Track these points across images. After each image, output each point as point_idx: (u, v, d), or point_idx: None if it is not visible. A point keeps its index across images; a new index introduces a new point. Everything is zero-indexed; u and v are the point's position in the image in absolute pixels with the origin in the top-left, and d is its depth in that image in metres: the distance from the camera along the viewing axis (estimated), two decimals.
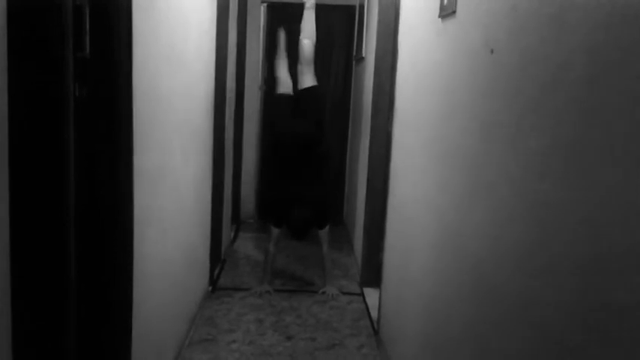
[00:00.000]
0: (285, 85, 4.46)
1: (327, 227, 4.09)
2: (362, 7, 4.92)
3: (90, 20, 1.55)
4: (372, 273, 3.87)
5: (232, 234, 5.20)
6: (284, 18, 5.57)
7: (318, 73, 4.89)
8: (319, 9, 5.35)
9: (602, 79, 1.01)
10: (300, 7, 4.72)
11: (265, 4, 5.67)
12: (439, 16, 2.14)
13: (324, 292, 4.03)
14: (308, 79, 4.30)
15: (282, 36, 4.73)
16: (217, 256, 4.19)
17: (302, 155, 4.10)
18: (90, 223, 1.67)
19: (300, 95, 4.29)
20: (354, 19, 5.43)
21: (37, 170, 1.37)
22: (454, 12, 1.94)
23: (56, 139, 1.37)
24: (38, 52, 1.33)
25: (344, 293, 4.04)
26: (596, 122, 1.01)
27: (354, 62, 5.63)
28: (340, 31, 5.71)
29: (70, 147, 1.41)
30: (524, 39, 1.35)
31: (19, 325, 1.35)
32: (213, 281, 4.00)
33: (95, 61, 1.59)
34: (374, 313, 3.49)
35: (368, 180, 4.11)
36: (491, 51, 1.54)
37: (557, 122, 1.16)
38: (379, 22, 3.84)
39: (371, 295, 3.83)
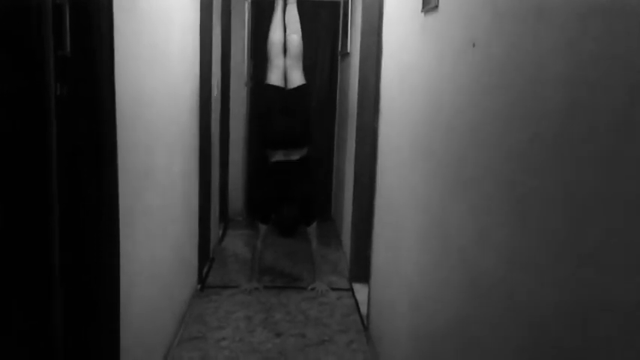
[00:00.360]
0: (277, 64, 4.28)
1: (315, 223, 4.10)
2: (347, 2, 4.92)
3: (70, 18, 1.54)
4: (361, 268, 3.88)
5: (220, 232, 5.19)
6: (269, 14, 5.56)
7: (304, 69, 4.88)
8: (304, 4, 5.34)
9: (582, 72, 1.01)
10: (283, 4, 4.62)
11: (249, 1, 5.65)
12: (422, 11, 2.14)
13: (313, 289, 4.04)
14: (297, 76, 4.25)
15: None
16: (206, 254, 4.18)
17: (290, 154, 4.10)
18: (74, 223, 1.66)
19: (290, 94, 4.24)
20: (339, 15, 5.43)
21: (19, 170, 1.35)
22: (436, 6, 1.95)
23: (38, 138, 1.36)
24: (18, 51, 1.32)
25: (333, 289, 4.05)
26: (579, 115, 1.02)
27: (339, 58, 5.63)
28: (325, 27, 5.71)
29: (53, 146, 1.39)
30: (506, 32, 1.35)
31: (4, 328, 1.34)
32: (201, 279, 3.99)
33: (76, 59, 1.58)
34: (363, 309, 3.50)
35: (355, 175, 4.11)
36: (473, 45, 1.55)
37: (540, 116, 1.16)
38: (363, 17, 3.84)
39: (360, 291, 3.84)
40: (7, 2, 1.28)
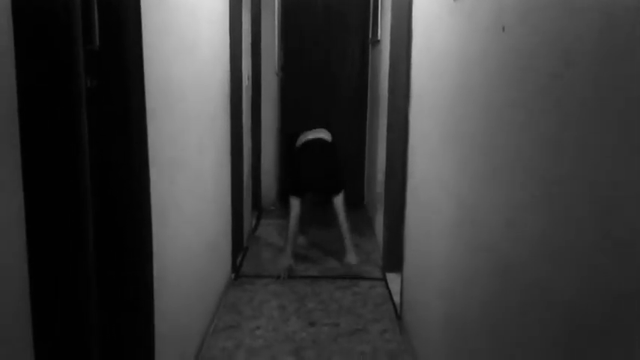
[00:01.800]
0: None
1: (342, 195, 4.29)
2: None
3: (98, 12, 1.55)
4: (394, 257, 3.86)
5: (254, 222, 5.22)
6: (299, 4, 5.54)
7: (334, 58, 4.90)
8: None
9: (613, 59, 0.98)
10: None
11: None
12: None
13: (347, 263, 4.24)
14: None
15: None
16: (239, 243, 4.21)
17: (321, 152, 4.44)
18: (107, 215, 1.68)
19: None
20: (369, 2, 5.38)
21: (52, 164, 1.38)
22: None
23: (69, 132, 1.38)
24: (48, 46, 1.34)
25: (366, 278, 4.05)
26: (609, 101, 0.99)
27: (370, 45, 5.59)
28: (355, 15, 5.66)
29: (84, 139, 1.42)
30: (536, 16, 1.32)
31: (40, 320, 1.37)
32: (235, 268, 4.03)
33: (105, 53, 1.60)
34: (396, 298, 3.48)
35: (387, 163, 4.08)
36: (503, 28, 1.51)
37: (569, 101, 1.13)
38: (393, 4, 3.80)
39: (393, 280, 3.83)
40: None
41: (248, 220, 4.80)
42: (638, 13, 0.90)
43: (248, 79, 4.67)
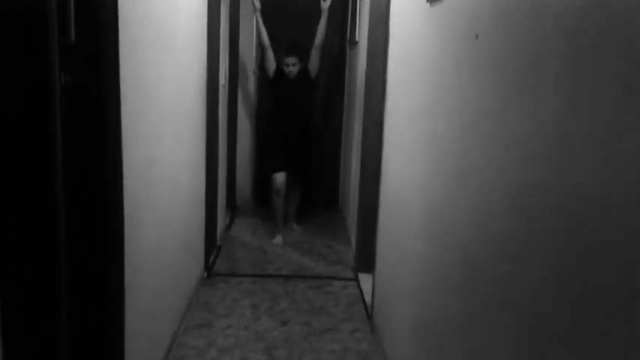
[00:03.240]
0: (268, 53, 4.79)
1: (302, 180, 5.03)
2: None
3: (75, 6, 1.54)
4: (367, 258, 3.88)
5: (228, 220, 5.21)
6: (277, 3, 5.54)
7: (320, 66, 4.97)
8: None
9: (581, 66, 1.01)
10: None
11: None
12: (427, 1, 2.13)
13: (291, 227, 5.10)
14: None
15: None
16: (212, 242, 4.20)
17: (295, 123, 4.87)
18: (79, 211, 1.67)
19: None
20: (348, 3, 5.40)
21: (25, 159, 1.37)
22: None
23: (43, 128, 1.37)
24: (23, 40, 1.33)
25: (338, 278, 4.07)
26: (578, 108, 1.02)
27: (348, 46, 5.61)
28: (335, 15, 5.67)
29: (58, 135, 1.41)
30: (508, 25, 1.35)
31: (10, 317, 1.36)
32: (208, 267, 4.02)
33: (81, 48, 1.59)
34: (368, 299, 3.51)
35: (361, 164, 4.11)
36: (476, 36, 1.54)
37: (540, 108, 1.16)
38: (371, 7, 3.83)
39: (365, 281, 3.85)
40: None
41: (222, 219, 4.79)
42: (607, 18, 0.93)
43: (225, 77, 4.65)
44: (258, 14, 4.75)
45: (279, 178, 4.78)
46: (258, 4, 4.72)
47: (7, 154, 1.32)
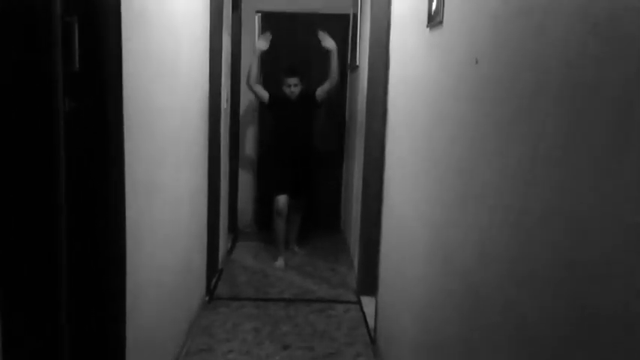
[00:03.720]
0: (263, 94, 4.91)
1: (303, 202, 5.08)
2: (356, 16, 4.95)
3: (79, 35, 1.57)
4: (369, 281, 3.87)
5: (230, 244, 5.20)
6: (278, 26, 5.60)
7: (313, 81, 4.99)
8: (314, 17, 5.41)
9: (581, 91, 1.02)
10: (294, 17, 5.40)
11: (260, 14, 5.70)
12: (427, 26, 2.16)
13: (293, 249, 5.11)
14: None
15: (264, 39, 4.85)
16: (214, 265, 4.19)
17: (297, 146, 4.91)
18: (81, 236, 1.68)
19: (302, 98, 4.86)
20: (349, 28, 5.46)
21: (29, 183, 1.38)
22: (441, 22, 1.96)
23: (47, 154, 1.39)
24: (28, 68, 1.35)
25: (340, 302, 4.05)
26: (578, 132, 1.03)
27: (348, 70, 5.66)
28: (335, 39, 5.72)
29: (61, 162, 1.42)
30: (507, 50, 1.37)
31: (13, 341, 1.36)
32: (210, 291, 4.01)
33: (85, 75, 1.61)
34: (371, 322, 3.49)
35: (363, 188, 4.12)
36: (476, 61, 1.56)
37: (540, 132, 1.17)
38: (371, 31, 3.87)
39: (368, 304, 3.84)
40: (17, 19, 1.31)
41: (224, 242, 4.78)
42: (607, 44, 0.95)
43: (227, 101, 4.69)
44: (258, 56, 4.79)
45: (282, 199, 4.81)
46: (263, 47, 4.76)
47: (13, 178, 1.33)
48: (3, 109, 1.30)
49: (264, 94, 4.89)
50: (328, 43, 4.73)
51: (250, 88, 4.89)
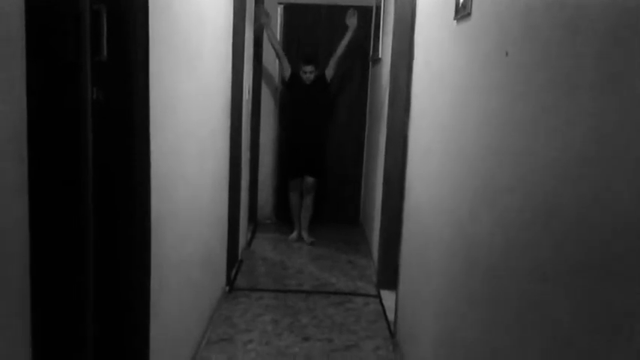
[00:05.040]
0: (282, 60, 5.23)
1: (314, 181, 5.26)
2: (378, 8, 4.91)
3: (107, 24, 1.57)
4: (389, 275, 3.86)
5: (249, 235, 5.22)
6: (300, 18, 5.59)
7: (337, 74, 5.10)
8: (335, 9, 5.40)
9: (613, 84, 1.00)
10: (317, 8, 5.57)
11: (282, 5, 5.69)
12: (454, 19, 2.13)
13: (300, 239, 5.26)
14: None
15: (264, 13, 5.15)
16: (234, 256, 4.21)
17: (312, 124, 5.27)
18: (108, 226, 1.69)
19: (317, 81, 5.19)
20: (371, 20, 5.42)
21: (55, 174, 1.39)
22: (469, 14, 1.94)
23: (74, 142, 1.39)
24: (56, 57, 1.35)
25: (360, 295, 4.05)
26: (612, 127, 1.00)
27: (370, 63, 5.62)
28: (357, 31, 5.69)
29: (88, 150, 1.43)
30: (539, 43, 1.34)
31: (39, 328, 1.37)
32: (230, 282, 4.03)
33: (112, 65, 1.61)
34: (390, 316, 3.48)
35: (384, 181, 4.10)
36: (506, 53, 1.54)
37: (572, 127, 1.15)
38: (395, 23, 3.84)
39: (388, 298, 3.83)
40: (47, 10, 1.31)
41: (244, 234, 4.80)
42: (635, 36, 0.93)
43: (249, 92, 4.69)
44: (269, 27, 5.16)
45: (295, 178, 5.28)
46: (267, 19, 5.13)
47: (40, 167, 1.34)
48: (34, 96, 1.31)
49: (287, 72, 5.23)
50: (351, 21, 5.12)
51: (278, 56, 5.25)
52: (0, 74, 1.14)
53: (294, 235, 5.29)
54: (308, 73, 5.10)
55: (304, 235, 5.29)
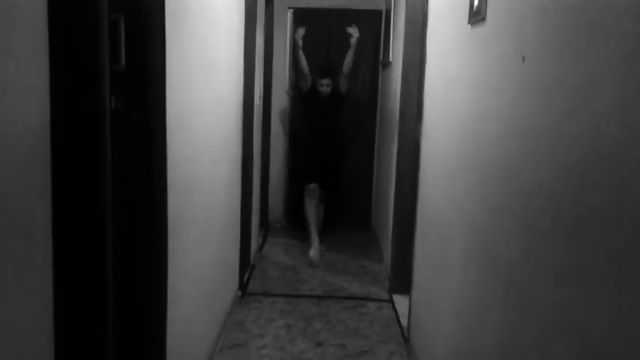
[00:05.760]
0: (306, 78, 5.25)
1: (330, 195, 5.27)
2: (388, 11, 4.91)
3: (125, 33, 1.58)
4: (402, 279, 3.86)
5: (260, 240, 5.23)
6: (310, 23, 5.60)
7: (349, 85, 5.22)
8: (345, 13, 5.41)
9: (638, 89, 0.99)
10: (327, 12, 5.58)
11: (292, 10, 5.71)
12: (469, 23, 2.13)
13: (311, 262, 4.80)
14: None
15: (300, 32, 5.17)
16: (246, 261, 4.22)
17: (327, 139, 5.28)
18: (126, 232, 1.70)
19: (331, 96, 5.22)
20: (381, 24, 5.42)
21: (75, 181, 1.40)
22: (484, 18, 1.93)
23: (95, 150, 1.40)
24: (77, 64, 1.37)
25: (372, 299, 4.04)
26: (634, 133, 1.00)
27: (380, 67, 5.62)
28: (366, 36, 5.70)
29: (107, 157, 1.44)
30: (557, 47, 1.34)
31: (61, 332, 1.38)
32: (242, 286, 4.03)
33: (130, 72, 1.62)
34: (404, 321, 3.47)
35: (396, 185, 4.10)
36: (523, 58, 1.53)
37: (592, 132, 1.15)
38: (407, 27, 3.83)
39: (400, 302, 3.82)
40: (68, 20, 1.33)
41: (255, 238, 4.81)
42: None
43: (260, 97, 4.70)
44: (300, 50, 5.16)
45: (312, 185, 5.16)
46: (300, 42, 5.15)
47: (62, 172, 1.35)
48: (55, 104, 1.32)
49: (307, 85, 5.28)
50: (353, 32, 5.19)
51: (304, 74, 5.25)
52: (26, 81, 1.16)
53: (315, 253, 4.82)
54: (325, 86, 5.14)
55: (313, 251, 4.86)
